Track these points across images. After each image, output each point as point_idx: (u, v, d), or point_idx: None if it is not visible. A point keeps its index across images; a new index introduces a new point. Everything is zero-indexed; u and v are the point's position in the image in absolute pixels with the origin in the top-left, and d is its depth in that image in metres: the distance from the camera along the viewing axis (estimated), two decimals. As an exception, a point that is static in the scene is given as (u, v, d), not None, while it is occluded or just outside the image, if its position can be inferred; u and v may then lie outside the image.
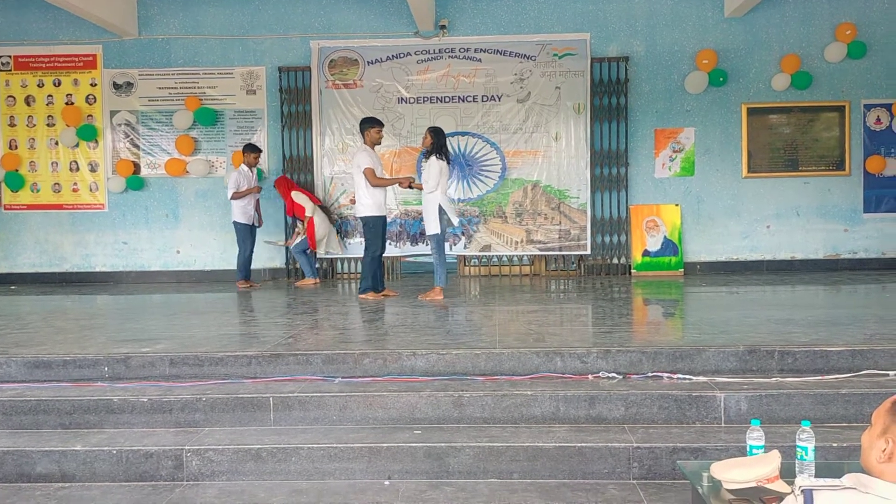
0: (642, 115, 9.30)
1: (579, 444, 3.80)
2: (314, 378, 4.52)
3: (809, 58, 9.15)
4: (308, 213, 8.75)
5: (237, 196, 8.51)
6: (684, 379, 4.32)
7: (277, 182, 8.98)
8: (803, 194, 9.28)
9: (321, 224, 8.82)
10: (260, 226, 8.92)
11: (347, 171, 9.33)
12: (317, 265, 9.34)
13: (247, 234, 8.65)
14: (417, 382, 4.40)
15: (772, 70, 9.18)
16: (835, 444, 3.68)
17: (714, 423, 4.02)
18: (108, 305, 7.81)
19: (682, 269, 9.24)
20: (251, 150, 8.78)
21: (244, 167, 8.74)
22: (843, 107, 9.16)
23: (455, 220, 7.18)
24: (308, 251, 8.87)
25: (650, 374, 4.41)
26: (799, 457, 2.88)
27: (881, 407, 2.01)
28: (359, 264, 8.82)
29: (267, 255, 9.52)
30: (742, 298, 7.25)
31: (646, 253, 9.26)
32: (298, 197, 8.79)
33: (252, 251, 8.74)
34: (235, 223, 8.64)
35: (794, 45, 9.17)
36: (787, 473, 2.82)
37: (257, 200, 8.85)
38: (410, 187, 7.49)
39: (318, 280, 8.97)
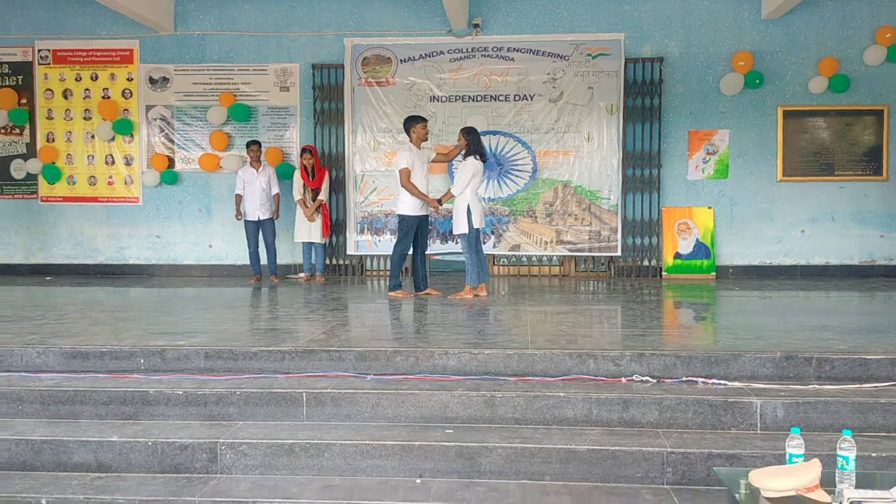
0: (676, 117, 9.21)
1: (612, 448, 3.78)
2: (347, 375, 4.54)
3: (848, 61, 9.01)
4: (296, 197, 8.90)
5: (238, 199, 8.94)
6: (719, 384, 4.27)
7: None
8: (839, 199, 9.14)
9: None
10: (276, 218, 9.06)
11: (379, 169, 9.37)
12: (347, 262, 9.42)
13: (247, 230, 8.96)
14: (449, 381, 4.40)
15: (809, 73, 9.05)
16: (874, 454, 3.62)
17: (750, 430, 3.98)
18: (142, 298, 7.91)
19: (714, 273, 9.15)
20: (248, 145, 8.95)
21: (246, 164, 8.89)
22: (882, 111, 9.00)
23: (476, 223, 7.12)
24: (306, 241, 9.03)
25: (684, 379, 4.37)
26: (839, 466, 2.84)
27: None
28: (388, 262, 8.84)
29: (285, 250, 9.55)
30: (776, 303, 7.16)
31: (677, 255, 9.18)
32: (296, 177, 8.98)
33: (254, 247, 8.97)
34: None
35: (832, 48, 9.03)
36: (827, 483, 2.79)
37: (273, 195, 8.99)
38: (440, 203, 7.46)
39: (308, 276, 9.10)
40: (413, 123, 7.37)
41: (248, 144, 8.94)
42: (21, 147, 9.92)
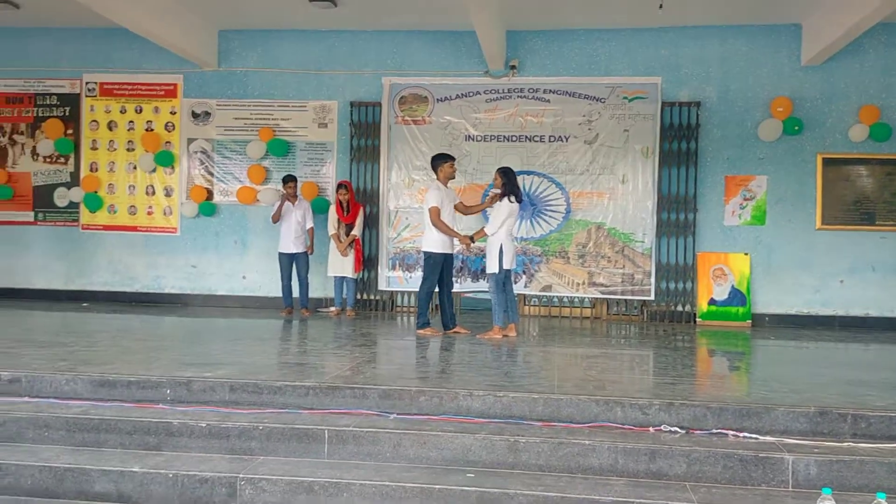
0: (713, 161, 9.14)
1: (637, 500, 3.67)
2: (370, 413, 4.51)
3: (889, 109, 8.88)
4: (330, 231, 8.97)
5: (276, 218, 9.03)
6: (751, 438, 4.15)
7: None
8: (880, 249, 8.94)
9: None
10: (311, 253, 9.12)
11: (413, 206, 9.42)
12: (377, 297, 9.46)
13: (281, 263, 9.03)
14: (473, 424, 4.35)
15: (850, 120, 8.94)
16: (911, 518, 3.48)
17: (781, 487, 3.85)
18: (174, 327, 7.99)
19: (750, 321, 8.97)
20: (284, 180, 9.05)
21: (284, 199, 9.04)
22: (925, 161, 8.85)
23: (507, 264, 7.10)
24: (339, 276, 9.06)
25: (714, 431, 4.25)
26: (873, 530, 2.74)
27: None
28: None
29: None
30: (813, 355, 6.98)
31: (712, 302, 9.04)
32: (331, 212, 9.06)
33: (286, 280, 9.03)
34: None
35: (874, 96, 8.92)
36: (860, 547, 2.68)
37: (307, 229, 9.06)
38: (472, 240, 7.45)
39: (339, 310, 9.12)
40: (441, 162, 7.41)
41: (285, 180, 9.05)
42: (65, 176, 10.18)
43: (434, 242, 7.29)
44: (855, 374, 5.68)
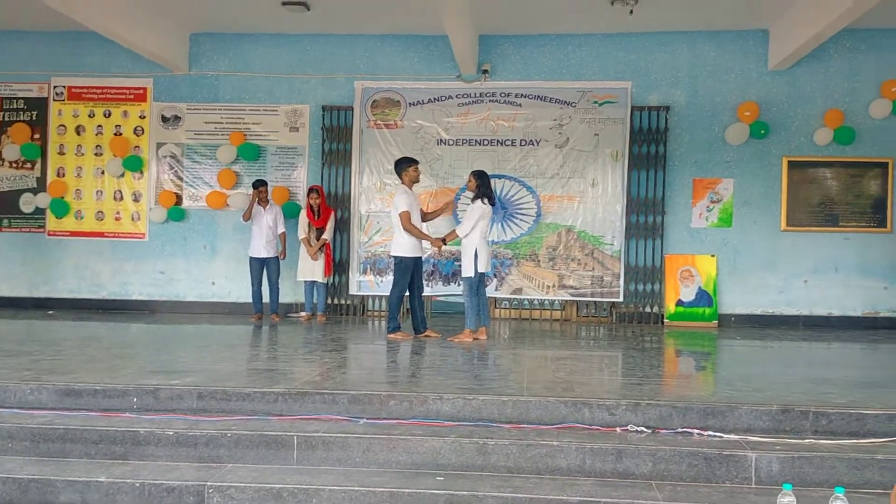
0: (681, 165, 9.26)
1: (605, 500, 3.72)
2: (339, 418, 4.51)
3: (853, 113, 9.05)
4: (301, 236, 8.96)
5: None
6: (715, 436, 4.22)
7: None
8: (843, 250, 9.11)
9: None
10: (283, 258, 9.11)
11: (384, 210, 9.42)
12: (348, 302, 9.46)
13: (251, 267, 9.02)
14: (442, 427, 4.37)
15: (815, 124, 9.10)
16: (870, 513, 3.56)
17: (744, 484, 3.92)
18: (141, 334, 7.92)
19: (717, 321, 9.10)
20: (254, 185, 9.04)
21: (255, 203, 9.02)
22: (887, 164, 9.02)
23: (482, 267, 7.14)
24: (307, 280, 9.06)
25: (680, 430, 4.32)
26: (831, 526, 2.80)
27: (894, 489, 1.91)
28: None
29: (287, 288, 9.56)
30: (777, 354, 7.10)
31: (679, 303, 9.15)
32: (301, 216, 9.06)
33: (257, 285, 9.01)
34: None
35: (838, 101, 9.09)
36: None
37: (279, 233, 9.05)
38: (444, 242, 7.50)
39: (309, 315, 9.11)
40: (405, 166, 7.43)
41: (255, 185, 9.01)
42: (31, 181, 10.04)
43: (404, 247, 7.30)
44: (817, 373, 5.79)
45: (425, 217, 7.77)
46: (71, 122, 10.02)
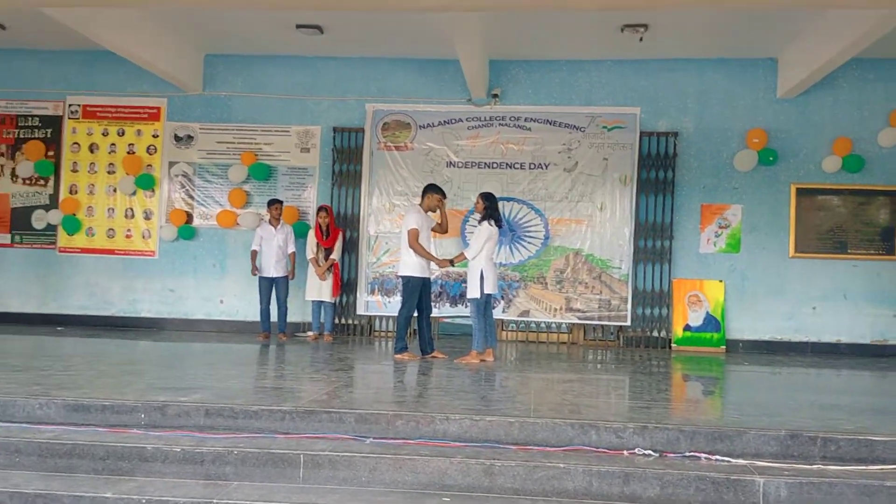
0: (689, 190, 9.29)
1: (611, 523, 3.70)
2: (346, 437, 4.50)
3: (862, 141, 9.08)
4: (309, 255, 8.99)
5: (254, 256, 9.03)
6: (723, 461, 4.19)
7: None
8: (852, 277, 9.09)
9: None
10: (292, 278, 9.12)
11: (393, 231, 9.46)
12: (356, 322, 9.48)
13: (260, 286, 9.01)
14: (449, 448, 4.36)
15: (823, 152, 9.13)
16: (879, 542, 3.52)
17: (752, 510, 3.89)
18: (150, 351, 7.94)
19: (724, 347, 9.07)
20: (269, 203, 9.08)
21: (264, 222, 9.06)
22: (896, 192, 9.04)
23: (488, 288, 7.15)
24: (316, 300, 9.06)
25: (687, 454, 4.29)
26: (839, 553, 2.78)
27: None
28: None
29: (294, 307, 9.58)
30: (785, 380, 7.07)
31: (687, 328, 9.13)
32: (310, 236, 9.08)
33: (265, 304, 9.00)
34: None
35: (847, 129, 9.12)
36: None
37: (289, 253, 9.07)
38: (452, 264, 7.54)
39: (316, 335, 9.09)
40: (432, 192, 7.47)
41: (270, 203, 9.07)
42: (44, 198, 10.14)
43: (412, 267, 7.32)
44: (826, 399, 5.76)
45: (443, 228, 7.65)
46: (85, 140, 10.13)
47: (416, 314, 7.50)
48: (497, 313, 9.23)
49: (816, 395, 6.07)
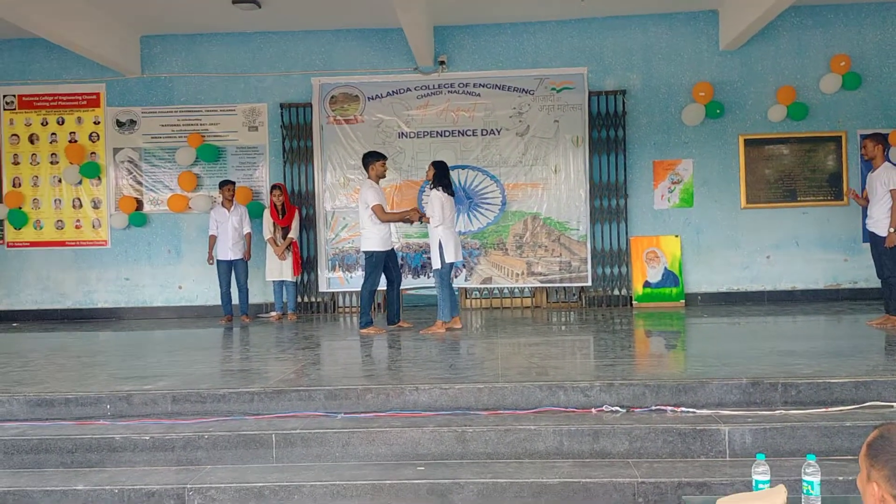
0: (640, 148, 9.37)
1: (584, 480, 3.78)
2: (316, 414, 4.51)
3: (805, 89, 9.24)
4: (266, 235, 8.92)
5: (212, 241, 8.92)
6: (688, 412, 4.31)
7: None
8: (802, 224, 9.30)
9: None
10: (248, 259, 9.03)
11: (349, 206, 9.39)
12: (319, 299, 9.43)
13: (219, 270, 8.91)
14: (420, 418, 4.39)
15: (768, 102, 9.26)
16: (840, 478, 3.66)
17: (719, 458, 4.01)
18: (110, 342, 7.81)
19: (684, 300, 9.24)
20: (221, 185, 8.96)
21: (217, 204, 8.95)
22: (840, 137, 9.22)
23: (449, 257, 7.15)
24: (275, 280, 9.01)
25: (654, 408, 4.40)
26: (805, 491, 2.87)
27: (861, 451, 1.96)
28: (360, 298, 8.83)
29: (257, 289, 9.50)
30: (744, 329, 7.25)
31: (646, 284, 9.27)
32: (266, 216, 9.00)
33: (225, 287, 8.93)
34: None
35: (790, 77, 9.26)
36: (794, 508, 2.81)
37: (245, 234, 8.98)
38: (421, 220, 7.51)
39: (280, 315, 9.05)
40: (372, 160, 7.42)
41: (222, 184, 8.92)
42: (-14, 193, 9.82)
43: (374, 241, 7.29)
44: (784, 346, 5.92)
45: (387, 217, 7.44)
46: (24, 132, 9.80)
47: (386, 285, 7.49)
48: (459, 281, 9.27)
49: (775, 343, 6.24)
